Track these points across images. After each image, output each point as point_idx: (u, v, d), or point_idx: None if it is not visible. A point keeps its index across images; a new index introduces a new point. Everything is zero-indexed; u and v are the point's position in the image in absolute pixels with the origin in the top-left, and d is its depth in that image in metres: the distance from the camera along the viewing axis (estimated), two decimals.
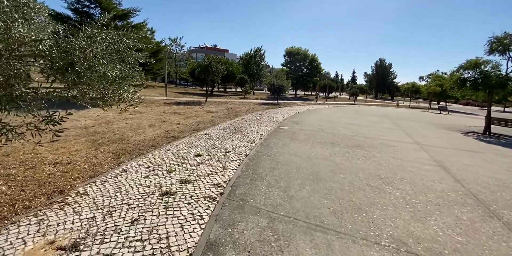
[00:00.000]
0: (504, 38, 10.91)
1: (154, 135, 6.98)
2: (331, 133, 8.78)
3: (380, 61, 66.88)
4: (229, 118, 11.23)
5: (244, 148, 6.16)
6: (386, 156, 6.12)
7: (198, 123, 9.32)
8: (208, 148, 5.97)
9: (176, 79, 48.25)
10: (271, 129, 8.93)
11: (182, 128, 8.29)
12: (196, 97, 22.86)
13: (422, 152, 6.83)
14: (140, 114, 10.55)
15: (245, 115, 12.65)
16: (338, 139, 7.91)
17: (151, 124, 8.53)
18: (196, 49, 76.10)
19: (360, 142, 7.56)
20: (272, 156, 5.62)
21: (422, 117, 19.47)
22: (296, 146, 6.68)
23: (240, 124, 9.62)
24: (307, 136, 8.11)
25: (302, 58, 39.52)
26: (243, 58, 40.48)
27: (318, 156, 5.74)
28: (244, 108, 16.08)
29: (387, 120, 14.83)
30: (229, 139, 7.05)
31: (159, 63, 15.97)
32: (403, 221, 3.11)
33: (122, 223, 2.71)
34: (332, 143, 7.28)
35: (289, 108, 19.01)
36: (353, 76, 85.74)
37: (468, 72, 11.62)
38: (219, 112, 12.97)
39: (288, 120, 11.79)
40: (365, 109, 24.15)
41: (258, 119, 11.26)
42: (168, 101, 16.98)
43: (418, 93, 38.72)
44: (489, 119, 11.32)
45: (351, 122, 12.27)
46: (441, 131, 11.49)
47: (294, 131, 8.91)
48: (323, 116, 14.34)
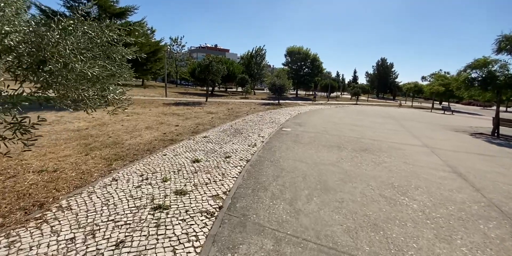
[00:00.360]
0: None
1: (151, 138, 6.62)
2: (336, 136, 8.41)
3: (382, 61, 66.45)
4: (230, 119, 10.87)
5: (245, 152, 5.80)
6: (397, 161, 5.74)
7: (197, 125, 8.95)
8: (207, 152, 5.61)
9: (177, 79, 47.89)
10: (273, 131, 8.56)
11: (180, 130, 7.93)
12: (197, 97, 22.50)
13: (434, 156, 6.45)
14: (137, 115, 10.19)
15: (246, 116, 12.28)
16: (344, 142, 7.53)
17: (148, 126, 8.17)
18: (197, 49, 75.77)
19: (367, 145, 7.18)
20: (275, 161, 5.25)
21: (426, 117, 19.07)
22: (301, 150, 6.30)
23: (241, 126, 9.26)
24: (312, 138, 7.73)
25: (303, 58, 39.11)
26: (243, 58, 40.10)
27: (325, 162, 5.37)
28: (245, 109, 15.71)
29: (391, 121, 14.44)
30: (229, 142, 6.69)
31: (159, 63, 15.60)
32: (427, 241, 2.74)
33: (106, 246, 2.35)
34: (338, 146, 6.91)
35: (291, 108, 18.63)
36: (354, 75, 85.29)
37: (476, 71, 11.22)
38: (219, 113, 12.60)
39: (291, 121, 11.42)
40: (367, 109, 23.75)
41: (259, 120, 10.89)
42: (168, 102, 16.62)
43: (421, 93, 38.29)
44: (498, 120, 10.92)
45: (355, 123, 11.89)
46: (448, 133, 11.10)
47: (297, 133, 8.53)
48: (326, 117, 13.95)
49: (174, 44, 44.44)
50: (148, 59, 12.57)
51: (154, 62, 14.01)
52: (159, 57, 14.87)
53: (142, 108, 12.51)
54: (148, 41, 13.36)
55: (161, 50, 14.10)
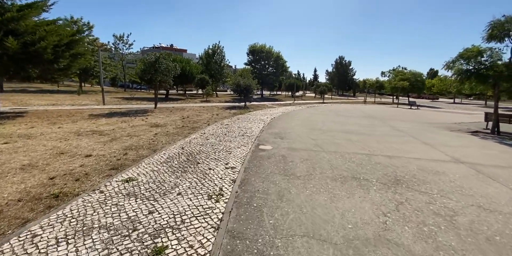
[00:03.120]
0: (506, 21, 9.32)
1: (8, 199, 3.22)
2: (338, 154, 5.88)
3: (340, 59, 68.22)
4: (183, 134, 7.67)
5: (201, 220, 2.82)
6: (468, 208, 3.33)
7: (127, 151, 5.63)
8: (115, 235, 2.48)
9: (125, 82, 41.96)
10: (247, 153, 5.69)
11: (89, 166, 4.57)
12: (145, 103, 18.45)
13: (495, 184, 4.26)
14: (26, 140, 6.38)
15: (206, 127, 9.17)
16: (356, 166, 5.01)
17: (30, 163, 4.62)
18: (150, 49, 69.07)
19: (391, 171, 4.76)
20: (266, 244, 2.38)
21: (403, 114, 18.09)
22: (303, 196, 3.54)
23: (198, 147, 6.18)
24: (308, 164, 5.05)
25: (267, 56, 36.89)
26: (202, 58, 36.42)
27: (360, 234, 2.66)
28: (206, 116, 12.52)
29: (377, 121, 12.67)
30: (171, 190, 3.62)
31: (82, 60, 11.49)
32: None
33: None
34: (354, 178, 4.32)
35: (261, 111, 15.95)
36: (315, 74, 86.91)
37: (471, 62, 9.84)
38: (169, 125, 9.26)
39: (267, 131, 8.67)
40: (339, 108, 22.33)
41: (225, 134, 7.91)
42: (99, 112, 12.56)
43: (383, 89, 39.14)
44: (497, 116, 9.67)
45: (344, 129, 9.65)
46: (451, 134, 9.50)
47: (282, 153, 5.79)
48: (306, 122, 11.55)
49: (119, 42, 38.63)
50: (58, 54, 8.59)
51: (71, 59, 9.96)
52: (79, 52, 10.81)
53: (50, 124, 8.51)
54: (58, 29, 9.32)
55: (79, 43, 10.20)
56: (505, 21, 9.36)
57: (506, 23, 9.38)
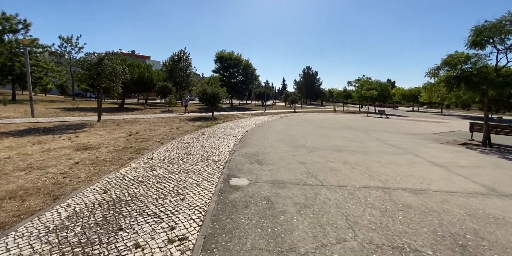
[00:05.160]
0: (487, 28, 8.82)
1: None
2: (345, 190, 4.09)
3: (307, 69, 69.78)
4: (118, 163, 5.29)
5: None
6: None
7: (12, 200, 3.17)
8: None
9: (73, 90, 36.77)
10: (211, 197, 3.61)
11: None
12: (90, 115, 15.18)
13: None
14: None
15: (157, 148, 6.84)
16: (382, 215, 3.24)
17: None
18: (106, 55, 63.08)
19: (437, 223, 3.08)
20: None
21: (380, 124, 17.51)
22: None
23: (133, 189, 3.92)
24: (308, 217, 3.14)
25: (236, 64, 35.31)
26: (166, 65, 33.48)
27: None
28: (162, 131, 10.08)
29: (361, 134, 11.47)
30: None
31: None
32: None
33: None
34: (395, 247, 2.51)
35: (231, 123, 13.91)
36: (284, 83, 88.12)
37: (457, 68, 9.14)
38: (104, 147, 6.73)
39: (239, 152, 6.65)
40: (313, 118, 21.30)
41: (182, 159, 5.71)
42: (12, 128, 9.37)
43: (350, 98, 39.94)
44: (489, 127, 8.99)
45: (331, 146, 8.06)
46: (444, 147, 8.50)
47: (265, 194, 3.81)
48: (285, 136, 9.81)
49: (67, 44, 33.87)
50: None
51: None
52: None
53: None
54: None
55: None
56: (484, 28, 8.84)
57: (487, 29, 8.90)
